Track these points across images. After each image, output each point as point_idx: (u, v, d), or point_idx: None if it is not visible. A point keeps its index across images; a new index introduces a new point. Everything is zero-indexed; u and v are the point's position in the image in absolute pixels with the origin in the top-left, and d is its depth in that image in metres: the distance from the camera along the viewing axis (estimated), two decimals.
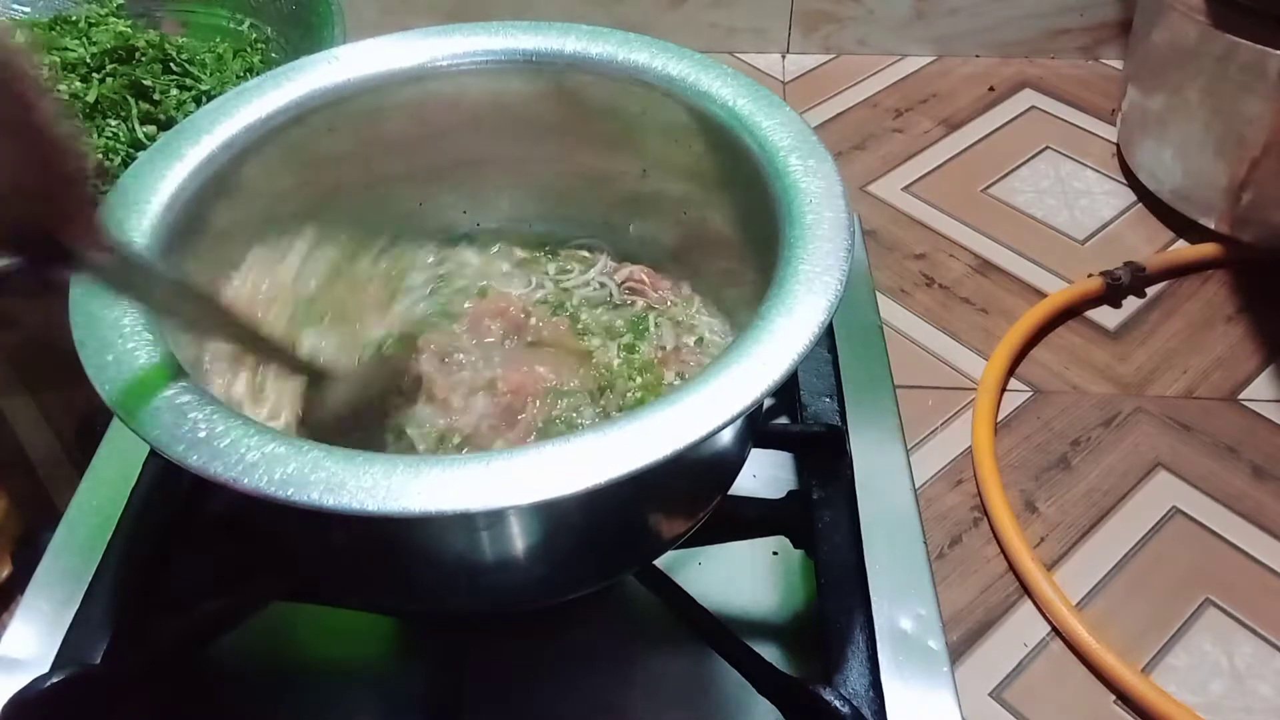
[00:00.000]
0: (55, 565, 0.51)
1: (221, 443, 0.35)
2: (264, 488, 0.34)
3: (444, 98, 0.54)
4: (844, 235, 0.42)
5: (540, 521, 0.41)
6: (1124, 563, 0.94)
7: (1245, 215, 1.20)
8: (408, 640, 0.52)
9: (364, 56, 0.53)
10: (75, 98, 0.78)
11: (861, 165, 1.36)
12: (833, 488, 0.51)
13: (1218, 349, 1.13)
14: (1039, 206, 1.30)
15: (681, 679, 0.49)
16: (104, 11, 0.91)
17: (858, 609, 0.47)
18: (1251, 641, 0.88)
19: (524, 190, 0.59)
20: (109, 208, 0.45)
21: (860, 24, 1.52)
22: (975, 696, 0.85)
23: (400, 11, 1.50)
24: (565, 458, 0.35)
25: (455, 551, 0.42)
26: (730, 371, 0.37)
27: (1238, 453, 1.02)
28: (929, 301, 1.19)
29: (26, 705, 0.43)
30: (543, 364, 0.51)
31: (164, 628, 0.49)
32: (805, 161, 0.46)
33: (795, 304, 0.39)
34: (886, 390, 0.58)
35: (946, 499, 1.00)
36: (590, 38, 0.53)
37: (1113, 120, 1.40)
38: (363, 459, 0.35)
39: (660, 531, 0.46)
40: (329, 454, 0.35)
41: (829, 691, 0.42)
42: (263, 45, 0.91)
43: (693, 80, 0.51)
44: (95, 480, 0.55)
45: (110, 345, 0.39)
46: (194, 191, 0.47)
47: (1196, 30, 1.14)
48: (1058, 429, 1.05)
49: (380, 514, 0.33)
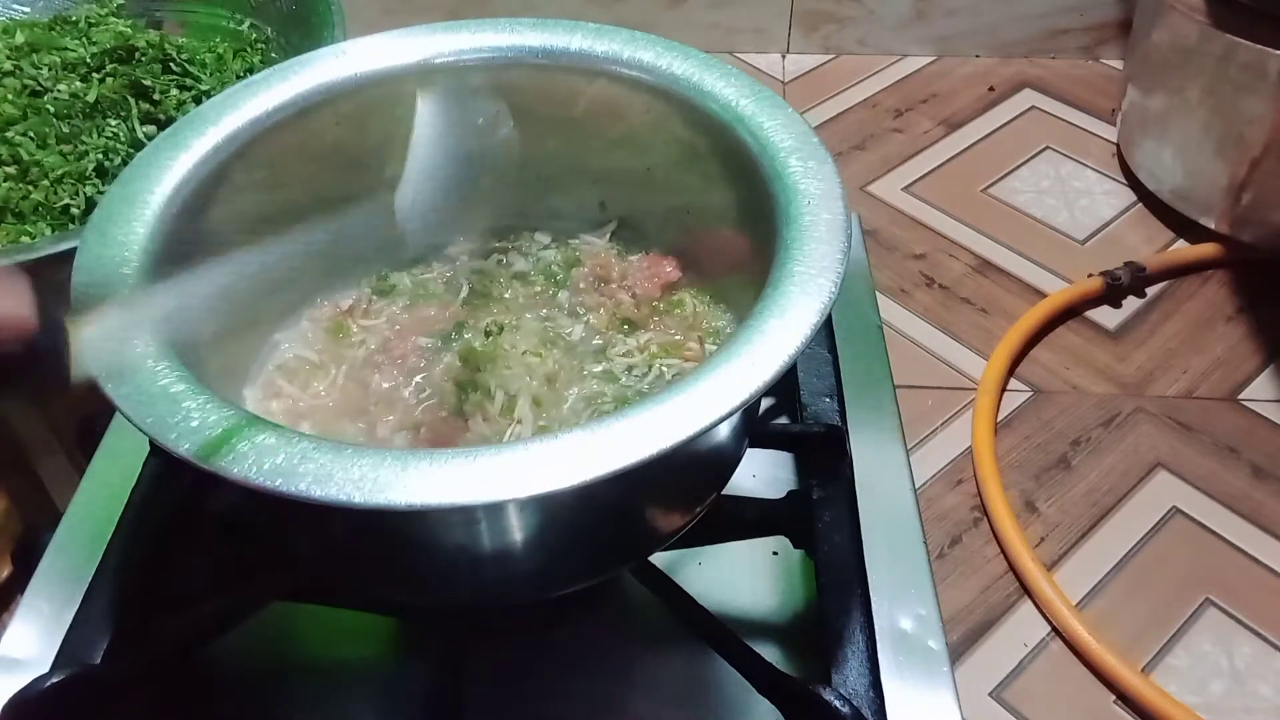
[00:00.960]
0: (55, 565, 0.51)
1: (212, 433, 0.35)
2: (252, 478, 0.34)
3: (450, 93, 0.54)
4: (840, 237, 0.42)
5: (531, 516, 0.41)
6: (1124, 563, 0.94)
7: (1245, 215, 1.20)
8: (408, 640, 0.52)
9: (370, 51, 0.53)
10: (75, 98, 0.78)
11: (861, 165, 1.36)
12: (833, 488, 0.51)
13: (1218, 349, 1.13)
14: (1039, 206, 1.30)
15: (681, 679, 0.49)
16: (104, 11, 0.91)
17: (858, 609, 0.47)
18: (1251, 641, 0.88)
19: (527, 187, 0.59)
20: (109, 205, 0.45)
21: (860, 24, 1.52)
22: (975, 696, 0.85)
23: (401, 11, 1.50)
24: (552, 454, 0.35)
25: (449, 545, 0.42)
26: (721, 372, 0.37)
27: (1238, 453, 1.02)
28: (929, 301, 1.19)
29: (26, 705, 0.43)
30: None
31: (164, 628, 0.49)
32: (805, 163, 0.46)
33: (789, 305, 0.40)
34: (886, 390, 0.58)
35: (946, 499, 1.00)
36: (596, 35, 0.53)
37: (1113, 120, 1.40)
38: (352, 451, 0.35)
39: (654, 528, 0.46)
40: (318, 446, 0.35)
41: (829, 691, 0.42)
42: (263, 45, 0.91)
43: (696, 80, 0.51)
44: (95, 480, 0.55)
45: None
46: (198, 185, 0.47)
47: (1196, 30, 1.14)
48: (1058, 429, 1.05)
49: (367, 507, 0.34)
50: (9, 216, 0.73)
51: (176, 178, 0.47)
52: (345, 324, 0.54)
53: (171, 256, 0.45)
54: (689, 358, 0.51)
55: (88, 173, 0.75)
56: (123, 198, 0.45)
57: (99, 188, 0.75)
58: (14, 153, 0.75)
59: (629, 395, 0.50)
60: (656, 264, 0.55)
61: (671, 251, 0.57)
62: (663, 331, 0.53)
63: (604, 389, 0.50)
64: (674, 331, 0.53)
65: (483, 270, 0.57)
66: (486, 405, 0.48)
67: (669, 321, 0.53)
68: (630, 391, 0.50)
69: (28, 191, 0.74)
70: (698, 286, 0.55)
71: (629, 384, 0.50)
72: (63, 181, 0.75)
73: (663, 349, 0.52)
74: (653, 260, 0.55)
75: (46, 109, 0.78)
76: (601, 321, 0.53)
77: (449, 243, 0.58)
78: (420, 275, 0.56)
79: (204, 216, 0.48)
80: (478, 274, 0.56)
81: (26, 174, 0.75)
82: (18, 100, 0.78)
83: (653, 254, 0.56)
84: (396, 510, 0.34)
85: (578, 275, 0.55)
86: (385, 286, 0.56)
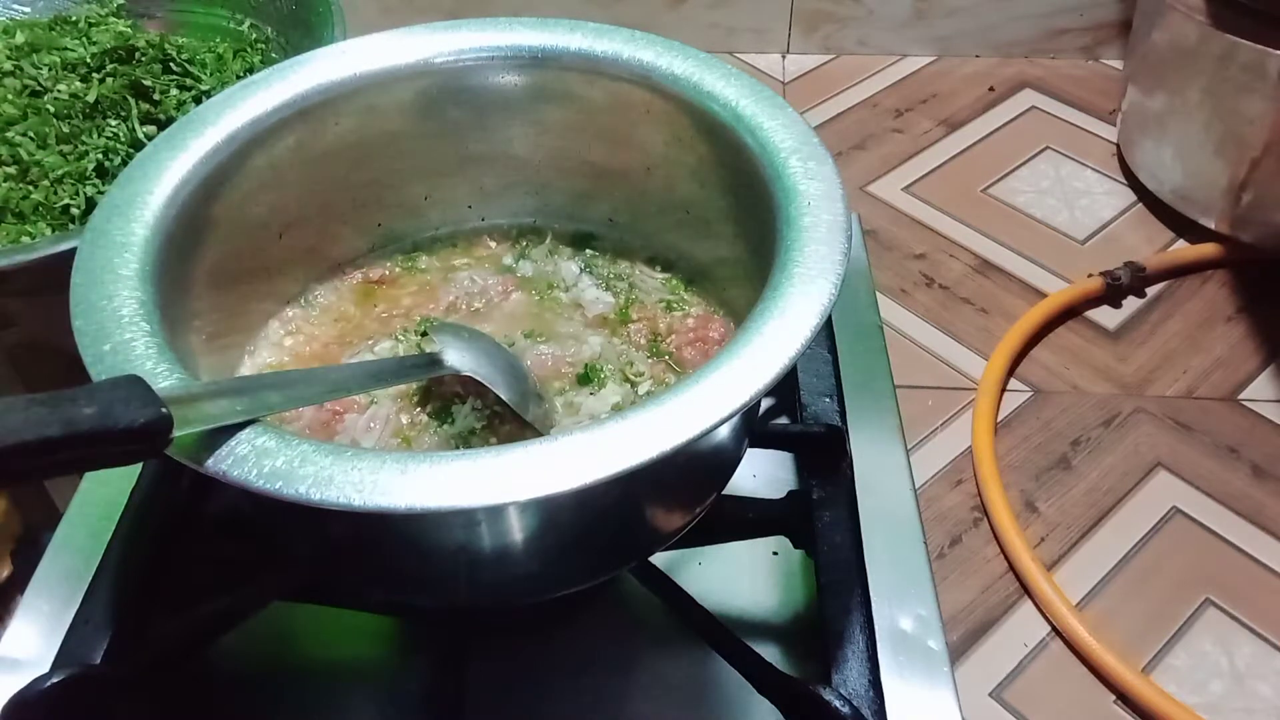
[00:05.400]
0: (55, 565, 0.51)
1: (213, 436, 0.35)
2: (252, 481, 0.34)
3: (450, 93, 0.54)
4: (841, 239, 0.42)
5: (532, 518, 0.41)
6: (1124, 563, 0.94)
7: (1245, 215, 1.20)
8: (408, 640, 0.52)
9: (370, 51, 0.53)
10: (75, 98, 0.78)
11: (861, 165, 1.36)
12: (833, 488, 0.51)
13: (1218, 349, 1.13)
14: (1039, 206, 1.30)
15: (681, 679, 0.49)
16: (104, 11, 0.91)
17: (858, 609, 0.47)
18: (1251, 641, 0.88)
19: (529, 186, 0.59)
20: (109, 205, 0.45)
21: (860, 24, 1.52)
22: (975, 696, 0.85)
23: (401, 11, 1.50)
24: (551, 457, 0.35)
25: (449, 547, 0.42)
26: (721, 373, 0.37)
27: (1238, 453, 1.02)
28: (929, 301, 1.19)
29: (26, 705, 0.43)
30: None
31: (164, 628, 0.49)
32: (806, 164, 0.46)
33: (788, 307, 0.40)
34: (886, 390, 0.58)
35: (946, 499, 1.00)
36: (596, 35, 0.53)
37: (1113, 120, 1.40)
38: (351, 454, 0.35)
39: (655, 528, 0.46)
40: (318, 449, 0.35)
41: (829, 691, 0.42)
42: (263, 45, 0.91)
43: (697, 80, 0.51)
44: (95, 480, 0.55)
45: (108, 335, 0.39)
46: (197, 185, 0.47)
47: (1196, 30, 1.14)
48: (1058, 429, 1.05)
49: (366, 510, 0.34)
50: (9, 216, 0.73)
51: (176, 178, 0.47)
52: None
53: (171, 257, 0.45)
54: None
55: (88, 173, 0.75)
56: (123, 198, 0.45)
57: (99, 188, 0.75)
58: (14, 153, 0.75)
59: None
60: (705, 325, 0.54)
61: (672, 251, 0.57)
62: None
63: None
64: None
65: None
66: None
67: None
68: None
69: (28, 191, 0.74)
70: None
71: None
72: (63, 181, 0.75)
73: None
74: (700, 321, 0.54)
75: (46, 109, 0.78)
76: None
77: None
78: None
79: (204, 216, 0.48)
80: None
81: (26, 174, 0.75)
82: (18, 100, 0.78)
83: (701, 313, 0.54)
84: (396, 513, 0.34)
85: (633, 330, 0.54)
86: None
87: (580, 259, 0.58)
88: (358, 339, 0.53)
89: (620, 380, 0.51)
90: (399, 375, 0.47)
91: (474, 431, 0.48)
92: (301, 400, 0.41)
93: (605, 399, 0.49)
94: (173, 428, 0.33)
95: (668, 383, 0.50)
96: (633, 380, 0.51)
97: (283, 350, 0.53)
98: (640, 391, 0.50)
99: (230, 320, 0.50)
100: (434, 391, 0.49)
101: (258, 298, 0.53)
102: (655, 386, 0.50)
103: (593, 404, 0.49)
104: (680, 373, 0.51)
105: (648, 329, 0.53)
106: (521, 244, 0.59)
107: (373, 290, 0.56)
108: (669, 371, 0.51)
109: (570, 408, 0.49)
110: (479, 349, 0.48)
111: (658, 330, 0.53)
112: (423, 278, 0.57)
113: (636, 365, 0.51)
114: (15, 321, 0.71)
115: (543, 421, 0.47)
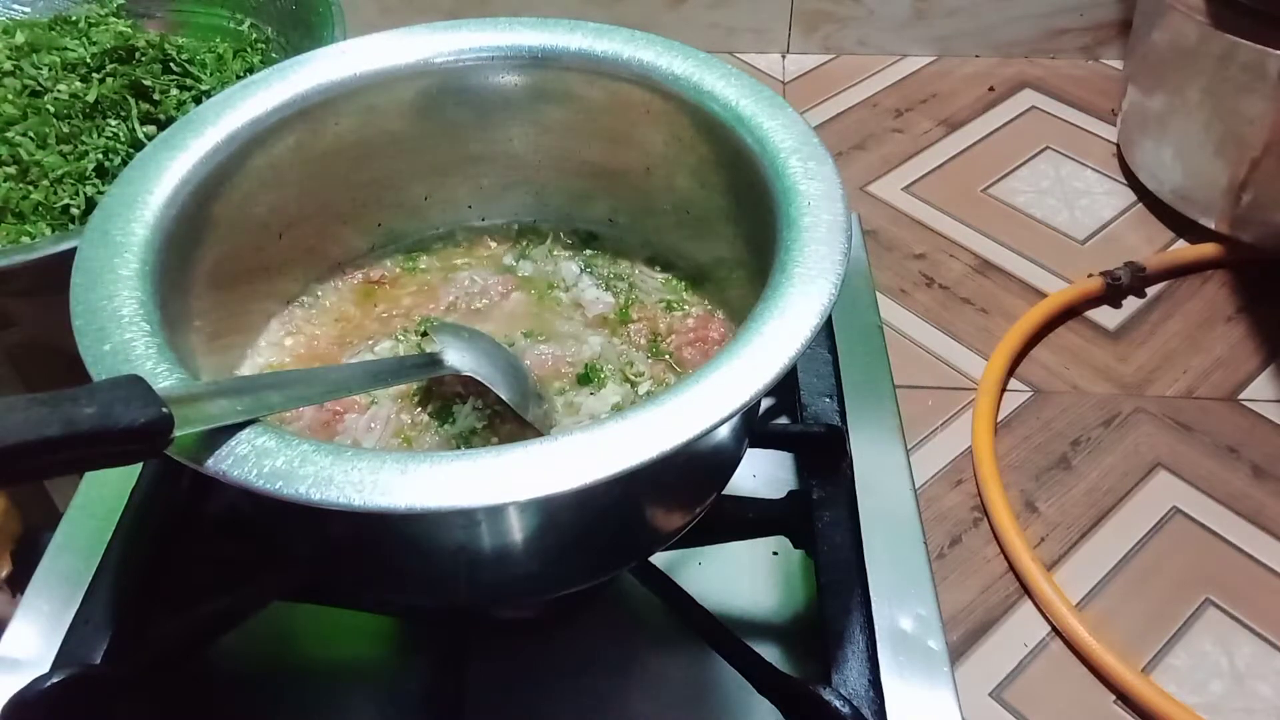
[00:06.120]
0: (55, 565, 0.51)
1: (213, 436, 0.35)
2: (252, 481, 0.34)
3: (450, 92, 0.54)
4: (841, 239, 0.42)
5: (531, 518, 0.41)
6: (1124, 563, 0.94)
7: (1245, 215, 1.20)
8: (408, 640, 0.52)
9: (370, 51, 0.53)
10: (75, 98, 0.78)
11: (861, 165, 1.36)
12: (833, 488, 0.51)
13: (1218, 349, 1.13)
14: (1039, 206, 1.30)
15: (681, 679, 0.49)
16: (104, 11, 0.91)
17: (858, 609, 0.47)
18: (1251, 641, 0.88)
19: (529, 186, 0.59)
20: (108, 205, 0.45)
21: (860, 24, 1.52)
22: (975, 696, 0.85)
23: (401, 11, 1.50)
24: (551, 457, 0.35)
25: (449, 547, 0.42)
26: (721, 373, 0.37)
27: (1238, 453, 1.02)
28: (929, 301, 1.19)
29: (26, 705, 0.43)
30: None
31: (164, 628, 0.49)
32: (806, 164, 0.46)
33: (788, 307, 0.39)
34: (886, 390, 0.58)
35: (946, 499, 1.00)
36: (596, 35, 0.53)
37: (1113, 120, 1.40)
38: (351, 454, 0.35)
39: (655, 528, 0.46)
40: (318, 449, 0.35)
41: (829, 691, 0.42)
42: (263, 45, 0.91)
43: (697, 79, 0.51)
44: (95, 480, 0.55)
45: (108, 335, 0.39)
46: (197, 185, 0.47)
47: (1196, 30, 1.14)
48: (1058, 429, 1.05)
49: (366, 510, 0.34)
50: (9, 216, 0.73)
51: (176, 178, 0.47)
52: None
53: (171, 257, 0.45)
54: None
55: (88, 173, 0.75)
56: (123, 198, 0.45)
57: (99, 188, 0.75)
58: (14, 153, 0.75)
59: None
60: (704, 325, 0.53)
61: (673, 252, 0.57)
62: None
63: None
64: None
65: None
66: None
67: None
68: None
69: (28, 191, 0.74)
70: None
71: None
72: (63, 181, 0.75)
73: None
74: (701, 321, 0.54)
75: (46, 109, 0.78)
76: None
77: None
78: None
79: (204, 216, 0.48)
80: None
81: (26, 174, 0.75)
82: (18, 100, 0.78)
83: (701, 314, 0.54)
84: (396, 513, 0.34)
85: (633, 330, 0.54)
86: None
87: (580, 259, 0.58)
88: (358, 339, 0.53)
89: (620, 380, 0.51)
90: (399, 375, 0.47)
91: (474, 431, 0.48)
92: (302, 400, 0.41)
93: (605, 399, 0.49)
94: (173, 427, 0.33)
95: (668, 383, 0.50)
96: (633, 380, 0.51)
97: (283, 350, 0.53)
98: (640, 391, 0.50)
99: (230, 320, 0.50)
100: (435, 391, 0.49)
101: (258, 298, 0.53)
102: (655, 386, 0.50)
103: (593, 404, 0.49)
104: (680, 373, 0.51)
105: (648, 329, 0.53)
106: (521, 244, 0.59)
107: (373, 290, 0.56)
108: (669, 371, 0.51)
109: (570, 408, 0.49)
110: (479, 349, 0.48)
111: (658, 330, 0.53)
112: (423, 277, 0.57)
113: (636, 365, 0.51)
114: (15, 321, 0.71)
115: (543, 421, 0.47)
